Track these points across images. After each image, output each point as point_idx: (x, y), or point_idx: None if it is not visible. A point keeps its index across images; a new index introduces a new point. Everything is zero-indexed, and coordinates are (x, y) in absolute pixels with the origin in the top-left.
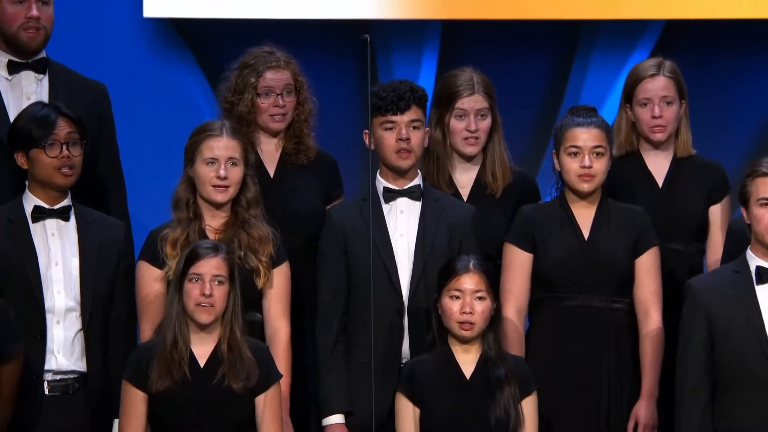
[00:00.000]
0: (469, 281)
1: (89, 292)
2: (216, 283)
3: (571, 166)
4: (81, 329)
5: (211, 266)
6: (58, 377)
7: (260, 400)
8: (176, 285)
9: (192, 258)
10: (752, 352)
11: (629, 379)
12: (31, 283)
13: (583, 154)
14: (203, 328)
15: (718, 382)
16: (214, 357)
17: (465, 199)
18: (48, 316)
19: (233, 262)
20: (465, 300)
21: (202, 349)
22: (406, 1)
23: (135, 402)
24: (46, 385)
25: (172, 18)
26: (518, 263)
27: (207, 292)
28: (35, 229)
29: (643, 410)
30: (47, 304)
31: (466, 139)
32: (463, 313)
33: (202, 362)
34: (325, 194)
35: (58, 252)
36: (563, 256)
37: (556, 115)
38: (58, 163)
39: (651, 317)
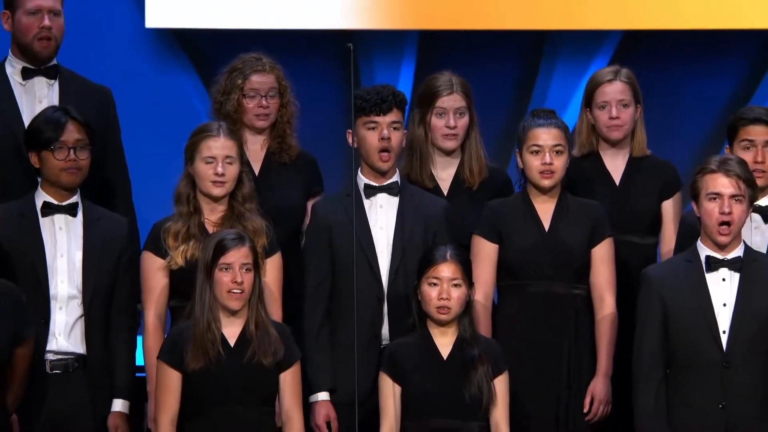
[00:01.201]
0: (447, 270)
1: (90, 282)
2: (244, 270)
3: (533, 163)
4: (82, 315)
5: (239, 255)
6: (58, 357)
7: (284, 376)
8: (206, 274)
9: (221, 249)
10: (702, 334)
11: (587, 359)
12: (37, 272)
13: (544, 153)
14: (233, 312)
15: (671, 362)
16: (243, 337)
17: (445, 192)
18: (52, 303)
19: (256, 251)
20: (442, 287)
21: (230, 330)
22: (387, 13)
23: (171, 381)
24: (48, 364)
25: (172, 28)
26: (485, 253)
27: (239, 279)
28: (44, 223)
29: (599, 387)
30: (51, 292)
31: (445, 135)
32: (441, 299)
33: (232, 342)
34: (306, 190)
35: (64, 245)
36: (526, 246)
37: (523, 117)
38: (65, 165)
39: (606, 302)
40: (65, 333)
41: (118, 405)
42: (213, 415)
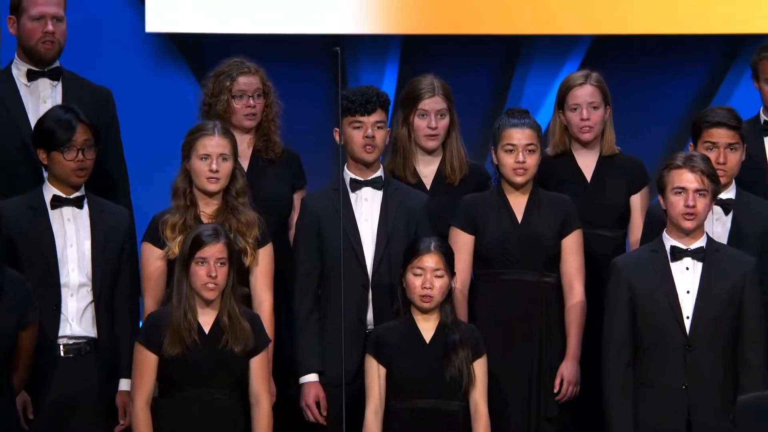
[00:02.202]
0: (430, 260)
1: (99, 270)
2: (219, 264)
3: (507, 161)
4: (92, 301)
5: (215, 251)
6: (72, 341)
7: (254, 361)
8: (183, 266)
9: (197, 244)
10: (667, 319)
11: (557, 343)
12: (48, 261)
13: (518, 151)
14: (208, 302)
15: (637, 345)
16: (217, 325)
17: (428, 187)
18: (63, 290)
19: (231, 245)
20: (426, 277)
21: (205, 319)
22: (372, 19)
23: (148, 363)
24: (61, 348)
25: (171, 33)
26: (462, 244)
27: (213, 273)
28: (53, 215)
29: (568, 369)
30: (63, 280)
31: (427, 135)
32: (424, 287)
33: (207, 329)
34: (291, 184)
35: (72, 235)
36: (500, 237)
37: (500, 116)
38: (74, 165)
39: (575, 290)
40: (77, 318)
41: (125, 384)
42: (187, 396)
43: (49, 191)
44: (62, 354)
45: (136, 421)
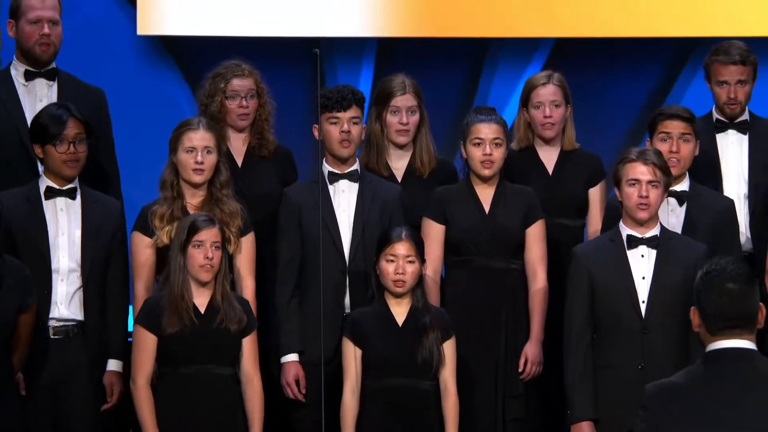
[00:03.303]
0: (402, 248)
1: (88, 256)
2: (214, 248)
3: (475, 154)
4: (80, 286)
5: (210, 235)
6: (60, 324)
7: (245, 341)
8: (180, 250)
9: (194, 229)
10: (624, 303)
11: (521, 325)
12: (41, 248)
13: (485, 145)
14: (203, 284)
15: (596, 328)
16: (211, 306)
17: (399, 180)
18: (54, 276)
19: (224, 232)
20: (398, 263)
21: (200, 300)
22: (349, 22)
23: (147, 343)
24: (51, 330)
25: (161, 35)
26: (434, 233)
27: (209, 255)
28: (47, 205)
29: (532, 350)
30: (54, 266)
31: (399, 131)
32: (397, 273)
33: (202, 309)
34: (283, 180)
35: (64, 224)
36: (469, 226)
37: (467, 114)
38: (66, 157)
39: (538, 276)
40: (66, 302)
41: (113, 365)
42: (186, 372)
43: (44, 183)
44: (51, 336)
45: (140, 400)
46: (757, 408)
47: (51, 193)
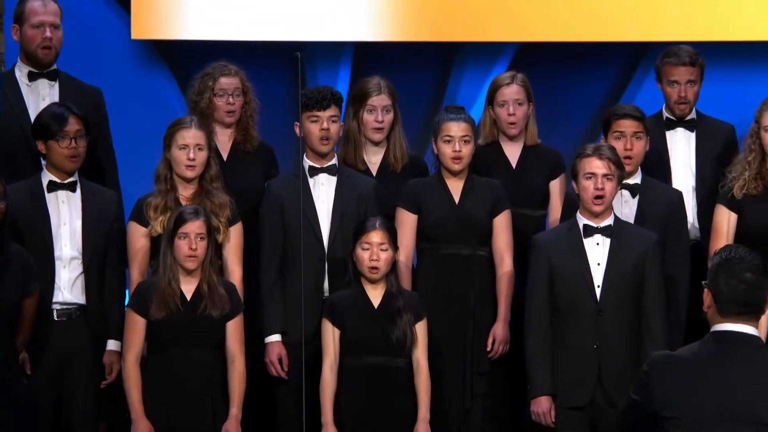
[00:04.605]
0: (376, 236)
1: (89, 245)
2: (199, 239)
3: (446, 150)
4: (82, 272)
5: (195, 227)
6: (63, 307)
7: (229, 325)
8: (167, 241)
9: (180, 221)
10: (580, 288)
11: (489, 308)
12: (45, 238)
13: (454, 142)
14: (189, 272)
15: (555, 311)
16: (197, 293)
17: (374, 174)
18: (57, 263)
19: (209, 223)
20: (373, 251)
21: (187, 287)
22: (328, 28)
23: (137, 326)
24: (55, 313)
25: (154, 39)
26: (407, 222)
27: (193, 246)
28: (49, 198)
29: (499, 330)
30: (57, 254)
31: (374, 128)
32: (372, 260)
33: (189, 296)
34: (265, 174)
35: (66, 215)
36: (440, 216)
37: (438, 113)
38: (68, 152)
39: (504, 262)
40: (68, 287)
41: (112, 345)
42: (172, 354)
43: (46, 177)
44: (56, 318)
45: (127, 377)
46: (763, 397)
47: (53, 186)
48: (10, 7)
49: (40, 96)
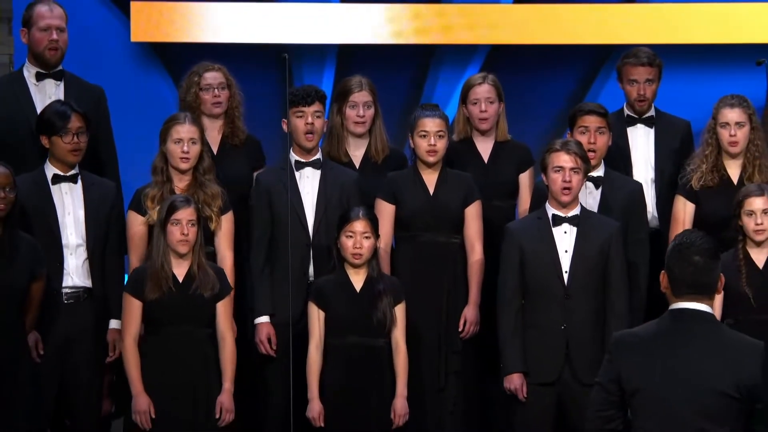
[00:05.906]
0: (360, 225)
1: (92, 233)
2: (190, 225)
3: (422, 144)
4: (86, 258)
5: (186, 214)
6: (71, 290)
7: (219, 305)
8: (160, 227)
9: (172, 208)
10: (549, 272)
11: (461, 291)
12: (52, 227)
13: (430, 137)
14: (181, 256)
15: (525, 294)
16: (188, 275)
17: (357, 166)
18: (65, 250)
19: (199, 211)
20: (356, 239)
21: (179, 270)
22: (313, 31)
23: (133, 308)
24: (64, 296)
25: (152, 42)
26: (386, 212)
27: (185, 231)
28: (54, 189)
29: (470, 312)
30: (64, 242)
31: (356, 123)
32: (355, 247)
33: (180, 278)
34: (252, 166)
35: (70, 205)
36: (416, 206)
37: (415, 110)
38: (71, 147)
39: (475, 249)
40: (76, 272)
41: (114, 324)
42: (167, 333)
43: (50, 170)
44: (65, 301)
45: (126, 355)
46: (715, 367)
47: (57, 178)
48: (18, 11)
49: (47, 94)
